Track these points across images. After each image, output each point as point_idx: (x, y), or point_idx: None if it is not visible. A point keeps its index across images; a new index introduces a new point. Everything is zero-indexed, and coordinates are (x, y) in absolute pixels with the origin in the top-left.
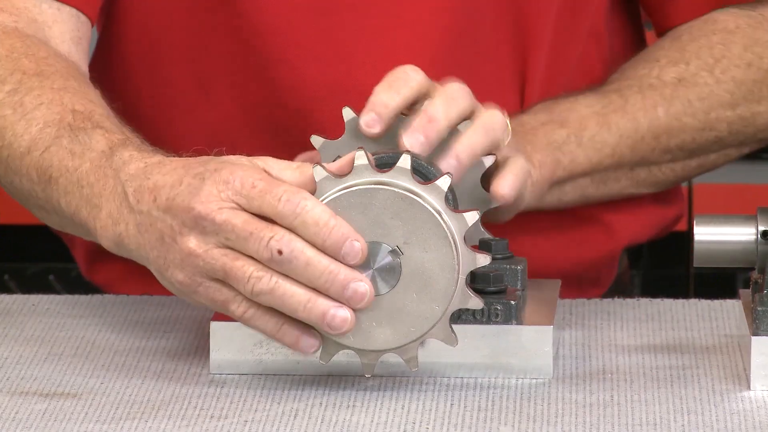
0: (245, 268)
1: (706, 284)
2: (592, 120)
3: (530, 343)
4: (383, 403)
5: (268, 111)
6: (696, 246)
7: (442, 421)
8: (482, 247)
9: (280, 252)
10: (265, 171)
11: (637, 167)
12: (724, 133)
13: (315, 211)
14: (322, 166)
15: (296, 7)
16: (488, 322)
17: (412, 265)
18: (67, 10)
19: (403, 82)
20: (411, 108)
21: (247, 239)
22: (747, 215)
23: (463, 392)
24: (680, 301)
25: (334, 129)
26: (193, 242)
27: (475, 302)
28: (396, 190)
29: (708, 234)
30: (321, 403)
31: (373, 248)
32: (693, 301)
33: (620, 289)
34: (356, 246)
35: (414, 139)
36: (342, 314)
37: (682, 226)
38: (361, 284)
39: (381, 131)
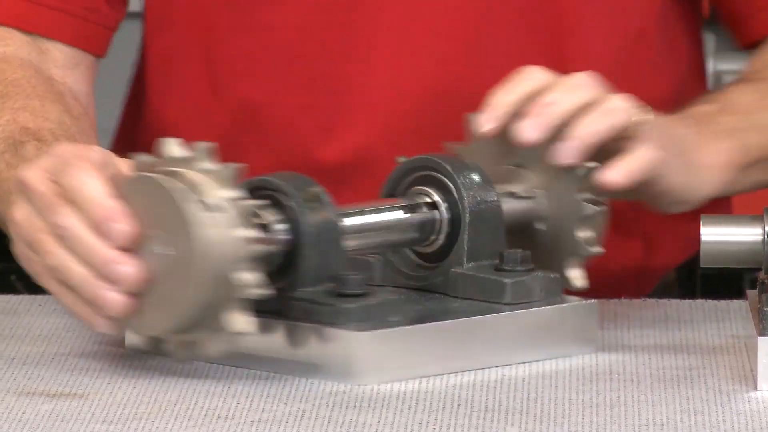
0: (43, 241)
1: (712, 284)
2: (756, 105)
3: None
4: (390, 403)
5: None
6: (703, 246)
7: (449, 421)
8: (501, 259)
9: (60, 226)
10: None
11: None
12: None
13: (90, 188)
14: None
15: (314, 2)
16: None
17: (179, 253)
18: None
19: (519, 80)
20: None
21: (44, 210)
22: (754, 215)
23: (470, 392)
24: (687, 302)
25: (350, 126)
26: (17, 211)
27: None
28: (166, 181)
29: (715, 234)
30: (328, 404)
31: (148, 234)
32: (700, 301)
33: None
34: (119, 228)
35: (528, 123)
36: (111, 296)
37: None
38: (126, 267)
39: (493, 130)
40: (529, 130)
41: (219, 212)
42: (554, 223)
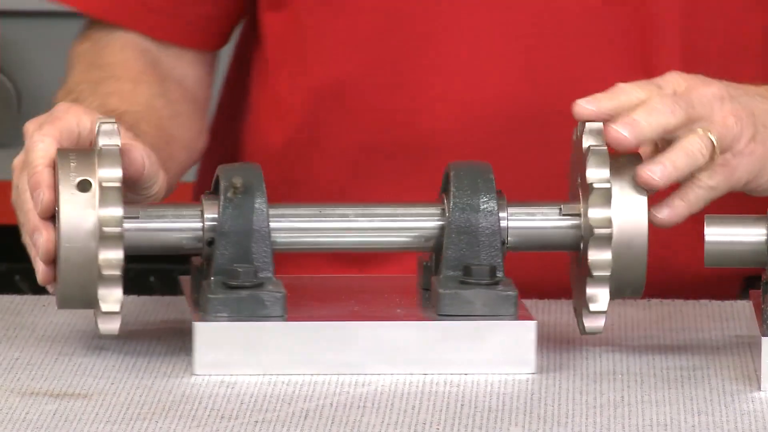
0: (18, 200)
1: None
2: None
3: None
4: (394, 403)
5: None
6: (707, 246)
7: (452, 421)
8: (466, 272)
9: (17, 187)
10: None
11: None
12: None
13: (34, 154)
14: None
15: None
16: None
17: None
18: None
19: (620, 90)
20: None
21: (19, 172)
22: (757, 216)
23: (473, 392)
24: (690, 302)
25: (429, 111)
26: (15, 172)
27: None
28: (63, 157)
29: (718, 234)
30: (332, 404)
31: None
32: (703, 301)
33: None
34: (38, 195)
35: (615, 130)
36: (37, 263)
37: None
38: (39, 236)
39: (591, 113)
40: (617, 135)
41: (84, 192)
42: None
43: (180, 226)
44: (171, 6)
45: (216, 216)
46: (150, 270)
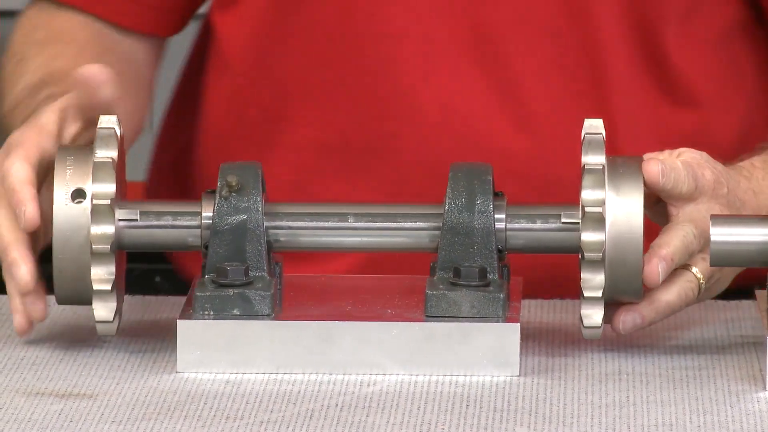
0: None
1: None
2: None
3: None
4: (399, 403)
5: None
6: (712, 246)
7: (458, 421)
8: (455, 273)
9: None
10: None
11: None
12: None
13: (11, 177)
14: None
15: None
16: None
17: None
18: None
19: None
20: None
21: None
22: (763, 216)
23: (478, 392)
24: None
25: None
26: None
27: None
28: (59, 164)
29: (724, 234)
30: (337, 404)
31: None
32: (709, 301)
33: None
34: (24, 211)
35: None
36: (16, 313)
37: None
38: (19, 269)
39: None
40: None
41: (78, 203)
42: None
43: (178, 224)
44: None
45: (212, 214)
46: (155, 270)
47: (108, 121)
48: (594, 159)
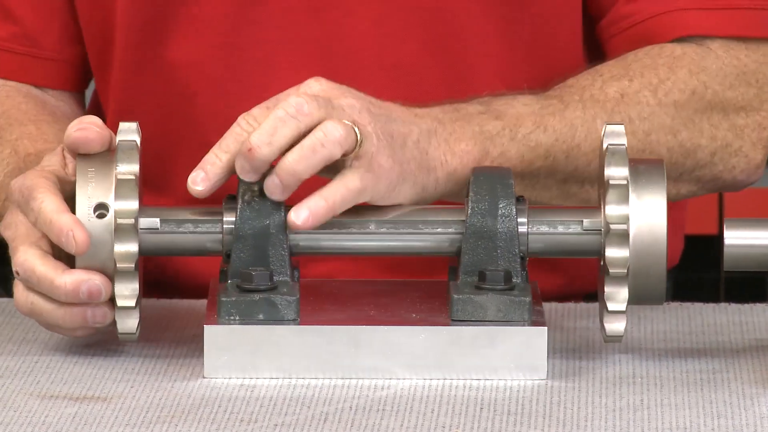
0: (15, 289)
1: (736, 288)
2: (528, 118)
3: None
4: (413, 406)
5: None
6: (726, 250)
7: (471, 424)
8: (480, 277)
9: (17, 273)
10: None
11: (570, 180)
12: (664, 161)
13: (45, 206)
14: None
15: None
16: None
17: None
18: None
19: (230, 134)
20: None
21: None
22: None
23: (492, 395)
24: (710, 305)
25: None
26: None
27: None
28: (82, 177)
29: (738, 238)
30: (351, 407)
31: None
32: (723, 305)
33: None
34: (75, 236)
35: (239, 166)
36: (100, 312)
37: (712, 230)
38: (91, 282)
39: (207, 191)
40: (243, 172)
41: (101, 218)
42: None
43: (199, 230)
44: (57, 51)
45: (234, 219)
46: None
47: (128, 130)
48: (618, 172)
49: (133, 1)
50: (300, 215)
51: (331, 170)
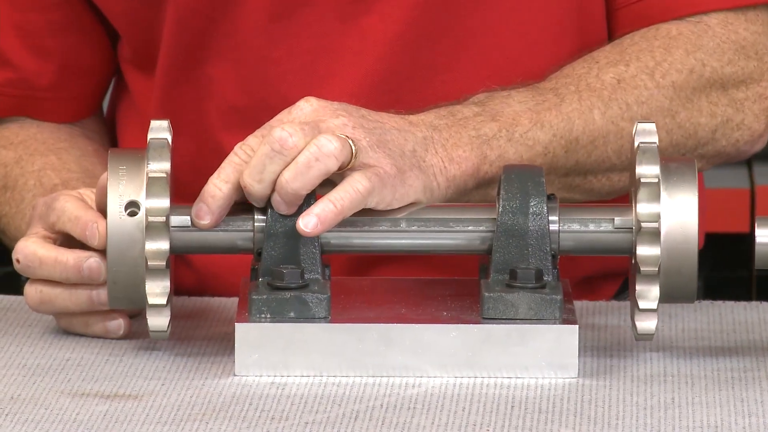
0: (25, 288)
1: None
2: (525, 116)
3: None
4: (444, 404)
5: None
6: (757, 248)
7: (502, 422)
8: (512, 275)
9: (18, 261)
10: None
11: (572, 173)
12: (664, 143)
13: (69, 206)
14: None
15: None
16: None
17: None
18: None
19: (229, 162)
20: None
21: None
22: None
23: (523, 394)
24: (742, 304)
25: None
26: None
27: None
28: (113, 174)
29: None
30: (382, 405)
31: None
32: (755, 303)
33: None
34: (94, 230)
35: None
36: (104, 293)
37: (744, 228)
38: (92, 260)
39: (212, 224)
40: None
41: (132, 216)
42: None
43: (231, 227)
44: (57, 86)
45: (265, 217)
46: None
47: (159, 128)
48: (649, 170)
49: (177, 25)
50: (308, 222)
51: (332, 185)
